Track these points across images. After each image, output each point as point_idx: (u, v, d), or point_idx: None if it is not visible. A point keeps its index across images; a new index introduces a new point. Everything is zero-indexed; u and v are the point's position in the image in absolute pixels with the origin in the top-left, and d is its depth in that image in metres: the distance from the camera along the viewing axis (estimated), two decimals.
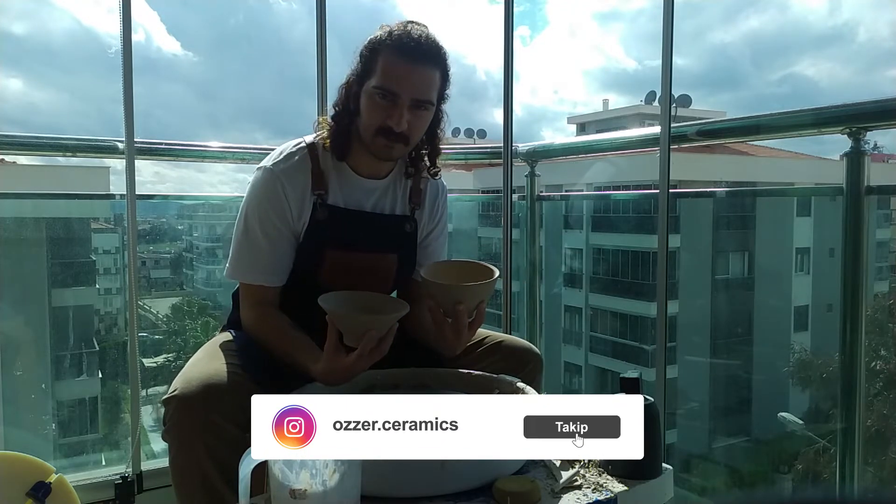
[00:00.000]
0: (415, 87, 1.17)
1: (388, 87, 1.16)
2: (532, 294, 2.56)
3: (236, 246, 1.25)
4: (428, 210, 1.37)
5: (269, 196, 1.22)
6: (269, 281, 1.24)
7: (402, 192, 1.33)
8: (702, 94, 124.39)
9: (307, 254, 1.24)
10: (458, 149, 3.56)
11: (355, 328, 1.06)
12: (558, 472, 1.04)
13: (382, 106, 1.17)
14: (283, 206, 1.22)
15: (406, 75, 1.16)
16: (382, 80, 1.17)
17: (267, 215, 1.22)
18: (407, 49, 1.16)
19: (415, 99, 1.17)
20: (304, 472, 0.78)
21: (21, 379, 2.16)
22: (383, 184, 1.31)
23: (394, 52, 1.17)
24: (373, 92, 1.18)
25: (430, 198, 1.37)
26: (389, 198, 1.32)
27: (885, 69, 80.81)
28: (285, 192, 1.22)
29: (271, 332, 1.21)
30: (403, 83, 1.16)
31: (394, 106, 1.17)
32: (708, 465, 4.65)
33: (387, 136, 1.19)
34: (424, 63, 1.18)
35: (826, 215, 4.04)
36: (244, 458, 0.83)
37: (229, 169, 2.32)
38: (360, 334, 1.05)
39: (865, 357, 1.67)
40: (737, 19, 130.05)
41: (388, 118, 1.17)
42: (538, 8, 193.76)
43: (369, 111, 1.19)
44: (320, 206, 1.23)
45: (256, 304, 1.24)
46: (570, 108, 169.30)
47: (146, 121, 5.58)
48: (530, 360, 1.34)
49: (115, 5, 1.65)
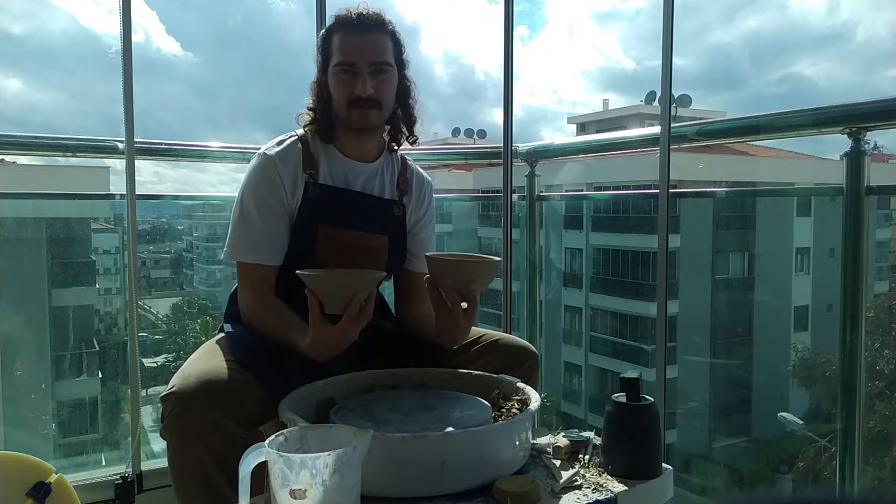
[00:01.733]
0: (368, 52, 1.27)
1: (345, 60, 1.27)
2: (532, 294, 2.56)
3: (234, 228, 1.30)
4: (415, 196, 1.42)
5: (264, 178, 1.28)
6: (266, 260, 1.28)
7: (389, 177, 1.39)
8: (701, 95, 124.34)
9: (301, 232, 1.28)
10: (458, 149, 3.56)
11: (337, 292, 1.08)
12: (558, 472, 1.04)
13: (346, 80, 1.27)
14: (278, 186, 1.27)
15: (357, 44, 1.27)
16: (339, 56, 1.28)
17: (263, 196, 1.27)
18: (353, 23, 1.28)
19: (372, 63, 1.27)
20: (304, 472, 0.78)
21: (21, 379, 2.16)
22: (371, 167, 1.36)
23: (342, 29, 1.29)
24: (335, 70, 1.28)
25: (416, 186, 1.43)
26: (378, 181, 1.37)
27: (883, 69, 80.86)
28: (279, 172, 1.28)
29: (267, 314, 1.24)
30: (357, 52, 1.27)
31: (355, 76, 1.26)
32: (708, 465, 4.66)
33: (359, 105, 1.27)
34: (371, 30, 1.28)
35: (826, 215, 4.05)
36: (244, 458, 0.83)
37: (229, 169, 2.32)
38: (342, 299, 1.07)
39: (866, 357, 1.67)
40: (735, 19, 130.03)
41: (353, 88, 1.26)
42: (537, 8, 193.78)
43: (337, 89, 1.29)
44: (312, 185, 1.29)
45: (254, 285, 1.27)
46: (568, 108, 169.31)
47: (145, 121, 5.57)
48: (527, 358, 1.35)
49: (114, 5, 1.65)
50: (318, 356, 1.13)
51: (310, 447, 0.84)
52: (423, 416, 1.07)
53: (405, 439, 0.94)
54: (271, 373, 1.14)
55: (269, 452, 0.79)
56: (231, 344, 1.21)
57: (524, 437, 1.06)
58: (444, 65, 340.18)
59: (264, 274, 1.28)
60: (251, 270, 1.28)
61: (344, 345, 1.12)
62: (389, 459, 0.93)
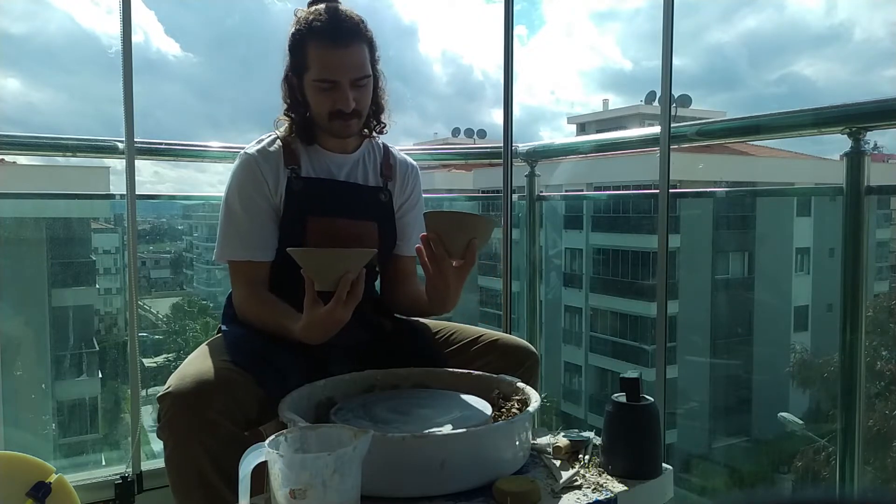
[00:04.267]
0: (350, 69, 1.24)
1: (327, 77, 1.24)
2: (532, 294, 2.56)
3: (222, 228, 1.31)
4: (399, 182, 1.42)
5: (246, 176, 1.29)
6: (256, 256, 1.28)
7: (372, 165, 1.40)
8: (699, 95, 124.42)
9: (290, 224, 1.28)
10: (458, 149, 3.56)
11: (328, 268, 1.08)
12: (558, 472, 1.04)
13: (327, 94, 1.25)
14: (261, 182, 1.28)
15: (339, 61, 1.24)
16: (320, 72, 1.24)
17: (247, 193, 1.28)
18: (331, 35, 1.23)
19: (353, 79, 1.25)
20: (304, 472, 0.78)
21: (21, 379, 2.16)
22: (353, 157, 1.37)
23: (320, 41, 1.24)
24: (315, 85, 1.26)
25: (400, 171, 1.43)
26: (360, 169, 1.38)
27: (881, 69, 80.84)
28: (261, 168, 1.28)
29: (260, 308, 1.24)
30: (339, 69, 1.24)
31: (337, 90, 1.25)
32: (708, 465, 4.66)
33: (340, 117, 1.27)
34: (351, 42, 1.25)
35: (826, 215, 4.04)
36: (244, 458, 0.83)
37: (229, 169, 2.30)
38: (332, 275, 1.08)
39: (865, 357, 1.67)
40: (733, 19, 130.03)
41: (335, 102, 1.25)
42: (535, 7, 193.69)
43: (317, 102, 1.27)
44: (295, 179, 1.30)
45: (247, 282, 1.28)
46: (566, 108, 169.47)
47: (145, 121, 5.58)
48: (527, 358, 1.34)
49: (114, 6, 1.65)
50: (311, 339, 1.13)
51: (310, 447, 0.84)
52: (423, 416, 1.07)
53: (405, 439, 0.94)
54: (268, 373, 1.14)
55: (269, 452, 0.79)
56: (227, 345, 1.21)
57: (524, 437, 1.06)
58: (443, 65, 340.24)
59: (256, 270, 1.28)
60: (243, 268, 1.29)
61: (335, 326, 1.11)
62: (389, 459, 0.93)
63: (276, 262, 1.29)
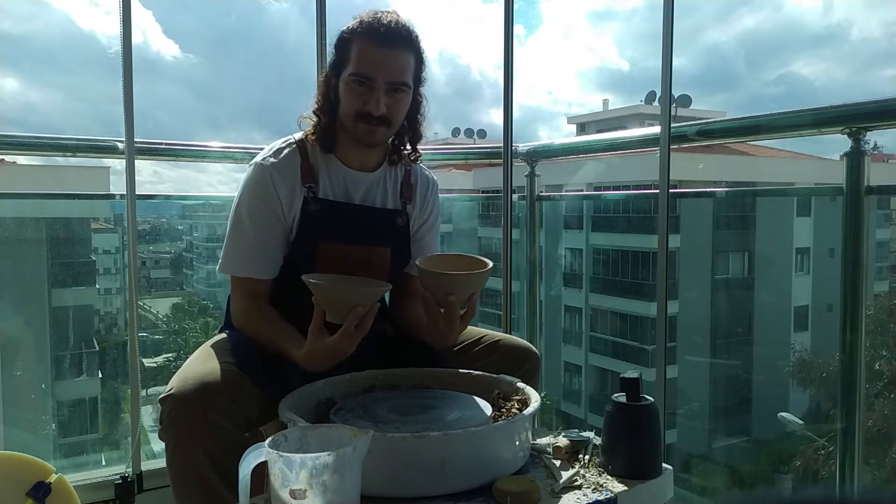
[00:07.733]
0: (389, 70, 1.20)
1: (363, 73, 1.20)
2: (532, 294, 2.56)
3: (228, 240, 1.28)
4: (419, 203, 1.38)
5: (259, 190, 1.25)
6: (259, 273, 1.26)
7: (392, 185, 1.35)
8: (698, 95, 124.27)
9: (301, 247, 1.26)
10: (458, 149, 3.56)
11: (340, 301, 1.07)
12: (558, 472, 1.04)
13: (359, 92, 1.21)
14: (274, 200, 1.24)
15: (380, 59, 1.20)
16: (357, 66, 1.20)
17: (258, 209, 1.25)
18: (378, 34, 1.20)
19: (390, 82, 1.21)
20: (304, 472, 0.78)
21: (21, 379, 2.16)
22: (373, 176, 1.33)
23: (366, 38, 1.20)
24: (349, 80, 1.21)
25: (420, 191, 1.39)
26: (380, 191, 1.33)
27: (879, 69, 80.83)
28: (275, 185, 1.24)
29: (259, 323, 1.23)
30: (377, 67, 1.20)
31: (370, 91, 1.20)
32: (708, 465, 4.65)
33: (367, 120, 1.22)
34: (397, 46, 1.21)
35: (826, 215, 4.04)
36: (244, 458, 0.83)
37: (229, 169, 2.31)
38: (344, 309, 1.06)
39: (865, 357, 1.67)
40: (731, 19, 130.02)
41: (365, 103, 1.20)
42: (532, 6, 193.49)
43: (347, 98, 1.22)
44: (312, 200, 1.26)
45: (246, 295, 1.27)
46: (564, 108, 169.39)
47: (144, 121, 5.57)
48: (528, 358, 1.34)
49: (113, 7, 1.65)
50: (312, 367, 1.12)
51: (310, 447, 0.84)
52: (423, 416, 1.07)
53: (405, 439, 0.94)
54: (269, 375, 1.14)
55: (269, 452, 0.79)
56: (229, 346, 1.21)
57: (524, 437, 1.06)
58: (441, 65, 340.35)
59: (259, 286, 1.27)
60: (245, 283, 1.27)
61: (338, 357, 1.11)
62: (389, 459, 0.93)
63: (280, 277, 1.28)
